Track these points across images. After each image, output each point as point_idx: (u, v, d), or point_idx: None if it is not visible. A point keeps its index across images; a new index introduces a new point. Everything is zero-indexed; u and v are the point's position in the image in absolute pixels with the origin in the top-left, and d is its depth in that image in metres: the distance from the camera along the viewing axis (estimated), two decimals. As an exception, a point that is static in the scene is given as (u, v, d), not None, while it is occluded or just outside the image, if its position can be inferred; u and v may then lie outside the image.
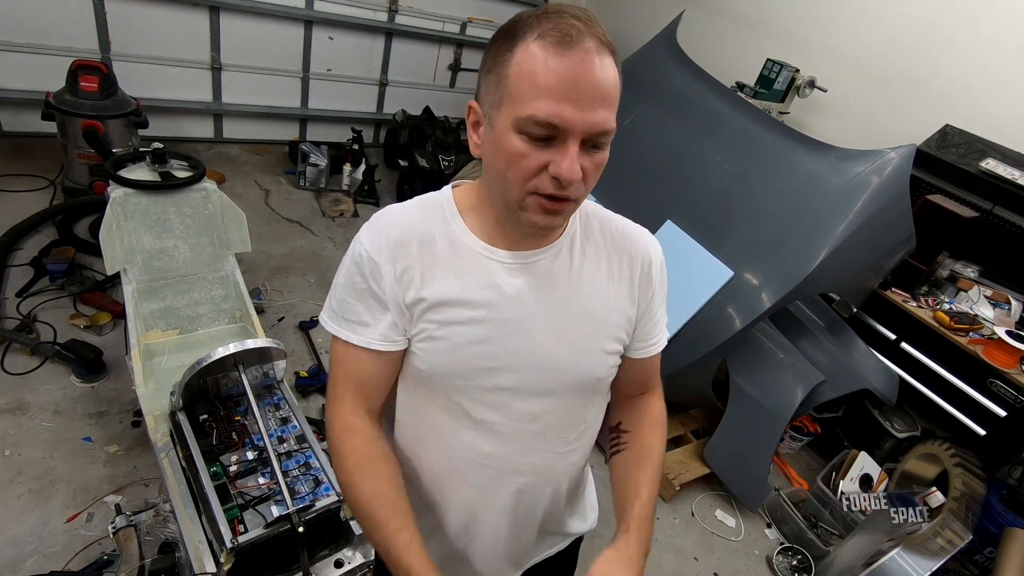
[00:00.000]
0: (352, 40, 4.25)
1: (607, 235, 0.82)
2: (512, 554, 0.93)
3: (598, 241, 0.81)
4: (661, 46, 2.85)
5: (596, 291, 0.79)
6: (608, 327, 0.81)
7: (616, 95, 0.65)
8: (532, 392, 0.79)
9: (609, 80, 0.63)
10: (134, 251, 1.95)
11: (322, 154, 3.93)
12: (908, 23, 2.98)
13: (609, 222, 0.83)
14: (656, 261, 0.84)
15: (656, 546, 2.26)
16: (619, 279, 0.81)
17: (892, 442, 2.66)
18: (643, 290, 0.83)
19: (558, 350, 0.78)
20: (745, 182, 2.35)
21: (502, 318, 0.75)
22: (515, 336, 0.76)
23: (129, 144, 2.95)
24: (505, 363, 0.76)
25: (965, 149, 2.63)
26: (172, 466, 1.51)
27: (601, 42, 0.62)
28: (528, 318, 0.76)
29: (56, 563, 1.64)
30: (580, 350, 0.79)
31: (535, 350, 0.77)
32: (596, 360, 0.81)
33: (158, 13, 3.49)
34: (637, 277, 0.82)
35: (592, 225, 0.82)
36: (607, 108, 0.63)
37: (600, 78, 0.61)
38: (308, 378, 2.48)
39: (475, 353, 0.75)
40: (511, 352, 0.76)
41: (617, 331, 0.82)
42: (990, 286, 2.60)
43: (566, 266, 0.78)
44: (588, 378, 0.82)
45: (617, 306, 0.81)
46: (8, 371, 2.16)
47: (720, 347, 2.18)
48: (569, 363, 0.79)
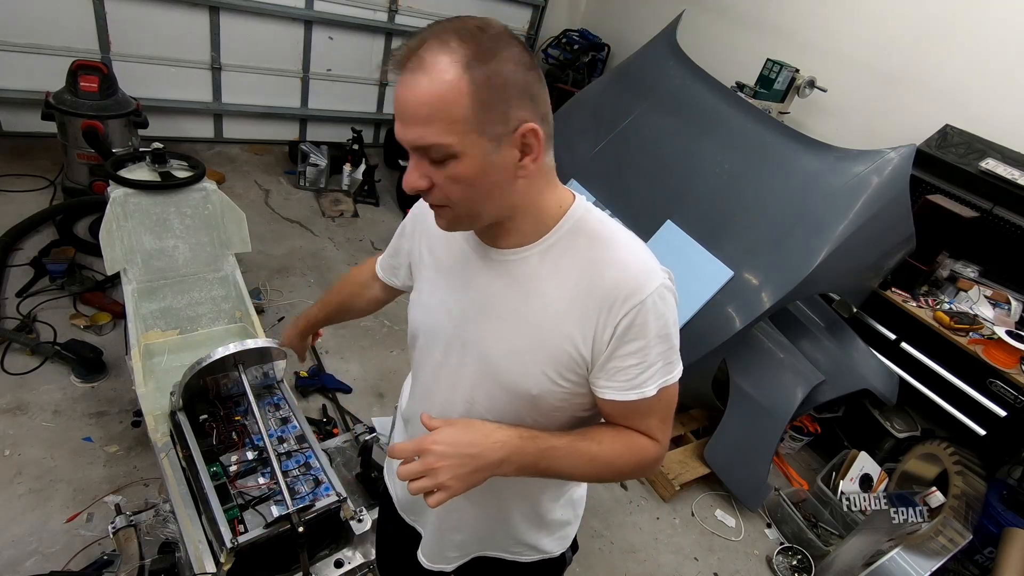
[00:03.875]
0: (352, 40, 4.25)
1: (591, 257, 0.75)
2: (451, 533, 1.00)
3: (577, 259, 0.75)
4: (661, 46, 2.85)
5: (548, 307, 0.75)
6: (549, 348, 0.76)
7: (433, 110, 0.63)
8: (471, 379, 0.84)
9: (418, 97, 0.64)
10: (134, 251, 1.95)
11: (322, 154, 3.93)
12: (908, 23, 2.98)
13: (603, 245, 0.75)
14: (630, 304, 0.72)
15: (656, 546, 2.26)
16: (580, 305, 0.74)
17: (892, 442, 2.66)
18: (601, 328, 0.73)
19: (494, 348, 0.80)
20: (745, 182, 2.35)
21: (463, 296, 0.83)
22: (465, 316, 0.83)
23: (129, 144, 2.94)
24: (452, 338, 0.85)
25: (965, 149, 2.63)
26: (172, 466, 1.51)
27: (424, 58, 0.63)
28: (476, 304, 0.82)
29: (56, 563, 1.64)
30: (514, 358, 0.79)
31: (477, 337, 0.82)
32: (530, 375, 0.78)
33: (158, 13, 3.49)
34: (599, 313, 0.73)
35: (580, 240, 0.76)
36: (421, 124, 0.65)
37: (409, 96, 0.64)
38: (308, 378, 2.48)
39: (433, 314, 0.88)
40: (458, 329, 0.84)
41: (561, 356, 0.76)
42: (990, 286, 2.60)
43: (528, 273, 0.77)
44: (520, 389, 0.79)
45: (565, 331, 0.75)
46: (8, 371, 2.16)
47: (720, 347, 2.18)
48: (501, 365, 0.80)
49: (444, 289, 0.86)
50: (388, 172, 4.47)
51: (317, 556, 1.42)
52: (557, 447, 0.77)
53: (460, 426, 0.74)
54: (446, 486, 0.70)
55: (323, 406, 2.43)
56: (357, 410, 2.45)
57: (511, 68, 0.65)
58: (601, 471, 0.80)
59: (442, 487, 0.70)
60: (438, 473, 0.70)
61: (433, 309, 0.88)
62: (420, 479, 0.70)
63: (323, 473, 1.46)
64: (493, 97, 0.64)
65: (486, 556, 1.03)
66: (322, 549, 1.44)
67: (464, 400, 0.86)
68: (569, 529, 1.05)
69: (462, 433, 0.73)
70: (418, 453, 0.71)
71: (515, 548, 1.02)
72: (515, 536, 0.99)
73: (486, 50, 0.64)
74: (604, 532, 2.23)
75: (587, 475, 0.82)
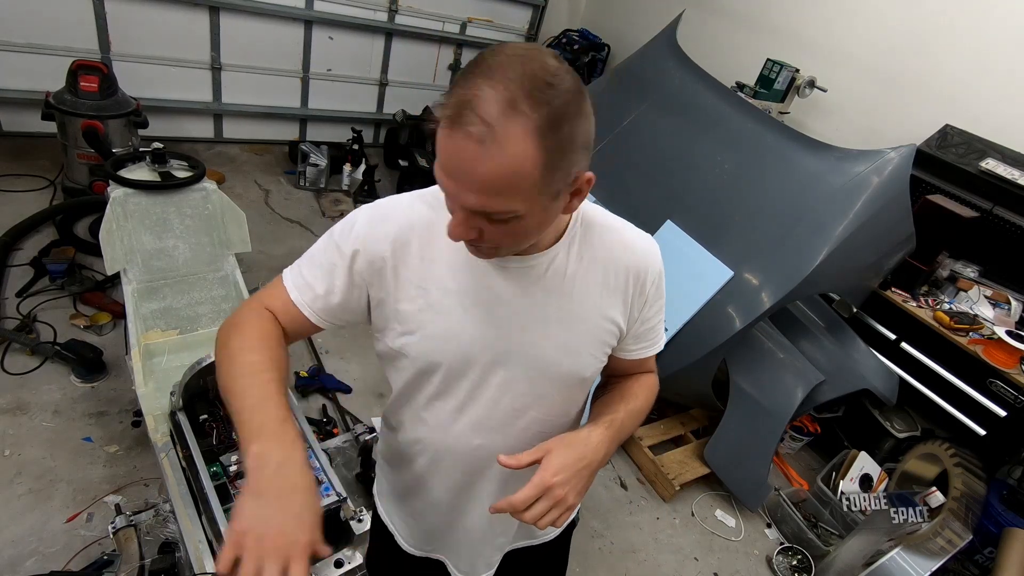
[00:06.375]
0: (352, 40, 4.24)
1: (607, 245, 0.82)
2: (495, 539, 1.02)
3: (596, 249, 0.82)
4: (661, 46, 2.85)
5: (588, 298, 0.82)
6: (597, 332, 0.84)
7: (505, 183, 0.59)
8: (519, 388, 0.84)
9: (488, 169, 0.58)
10: (134, 251, 1.95)
11: (322, 154, 3.93)
12: (908, 23, 2.98)
13: (611, 232, 0.84)
14: (652, 273, 0.84)
15: (656, 546, 2.26)
16: (612, 289, 0.83)
17: (892, 442, 2.66)
18: (635, 301, 0.85)
19: (547, 349, 0.82)
20: (745, 182, 2.35)
21: (495, 315, 0.80)
22: (503, 332, 0.80)
23: (129, 144, 2.94)
24: (492, 358, 0.81)
25: (965, 149, 2.63)
26: (172, 466, 1.51)
27: (494, 128, 0.56)
28: (517, 316, 0.80)
29: (56, 563, 1.64)
30: (567, 351, 0.83)
31: (523, 348, 0.81)
32: (582, 362, 0.85)
33: (158, 13, 3.49)
34: (630, 289, 0.84)
35: (593, 232, 0.82)
36: (486, 195, 0.60)
37: (476, 166, 0.58)
38: (308, 378, 2.48)
39: (462, 343, 0.81)
40: (497, 348, 0.81)
41: (606, 337, 0.85)
42: (990, 286, 2.60)
43: (561, 272, 0.80)
44: (573, 377, 0.86)
45: (607, 315, 0.83)
46: (8, 371, 2.16)
47: (720, 347, 2.18)
48: (555, 361, 0.83)
49: (465, 313, 0.79)
50: (388, 172, 4.47)
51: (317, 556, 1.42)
52: (624, 420, 0.85)
53: (563, 447, 0.74)
54: (573, 505, 0.74)
55: (323, 406, 2.43)
56: (357, 410, 2.45)
57: (579, 125, 0.61)
58: (639, 419, 0.91)
59: (571, 507, 0.74)
60: (567, 499, 0.72)
61: (457, 338, 0.80)
62: (550, 511, 0.72)
63: (323, 473, 1.46)
64: (563, 161, 0.61)
65: (515, 548, 1.07)
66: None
67: (507, 411, 0.86)
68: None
69: (568, 453, 0.74)
70: (543, 493, 0.71)
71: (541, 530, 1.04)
72: None
73: (559, 114, 0.58)
74: (604, 532, 2.23)
75: (636, 428, 0.93)
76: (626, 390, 0.91)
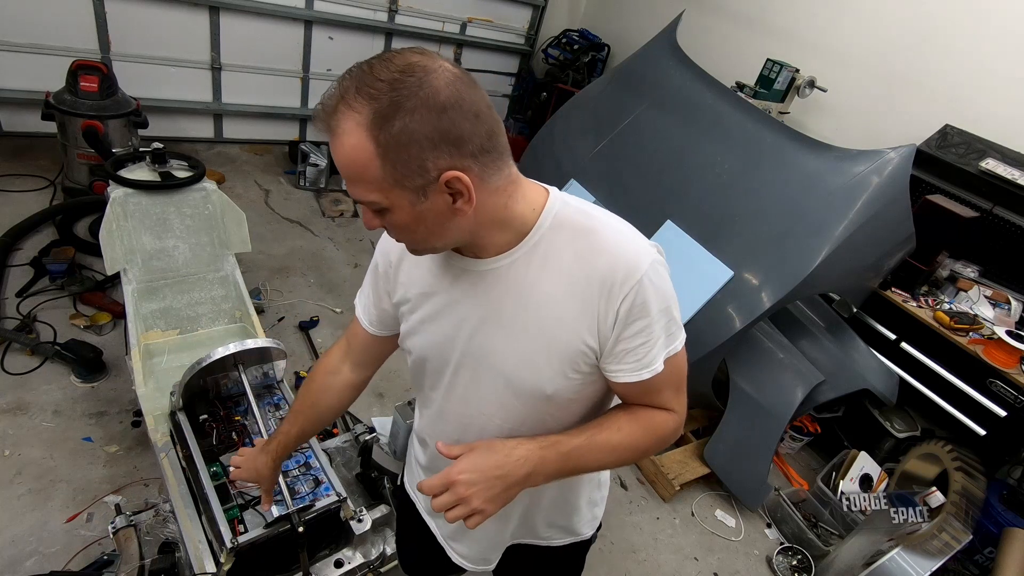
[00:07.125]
0: (352, 40, 4.25)
1: (576, 251, 0.73)
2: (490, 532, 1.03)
3: (563, 255, 0.74)
4: (661, 46, 2.85)
5: (550, 309, 0.75)
6: (560, 347, 0.76)
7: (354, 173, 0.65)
8: (482, 392, 0.84)
9: (339, 159, 0.65)
10: (134, 251, 1.95)
11: (322, 154, 3.93)
12: (908, 23, 2.98)
13: (584, 236, 0.74)
14: (626, 282, 0.71)
15: (656, 546, 2.26)
16: (581, 300, 0.73)
17: (892, 442, 2.66)
18: (603, 314, 0.73)
19: (505, 357, 0.80)
20: (745, 182, 2.35)
21: (455, 316, 0.82)
22: (461, 333, 0.82)
23: (129, 144, 2.94)
24: (458, 358, 0.84)
25: (965, 149, 2.63)
26: (172, 466, 1.51)
27: (331, 124, 0.63)
28: (470, 319, 0.80)
29: (56, 563, 1.64)
30: (525, 363, 0.78)
31: (480, 352, 0.81)
32: (543, 377, 0.78)
33: (158, 13, 3.49)
34: (597, 301, 0.73)
35: (561, 235, 0.74)
36: (351, 183, 0.67)
37: (335, 156, 0.65)
38: (308, 378, 2.48)
39: (436, 342, 0.85)
40: (458, 348, 0.83)
41: (573, 354, 0.76)
42: (990, 286, 2.60)
43: (518, 277, 0.76)
44: (536, 392, 0.80)
45: (573, 328, 0.75)
46: (8, 371, 2.16)
47: (720, 347, 2.18)
48: (513, 373, 0.80)
49: (440, 310, 0.83)
50: (388, 172, 4.47)
51: (317, 556, 1.42)
52: (579, 447, 0.78)
53: (481, 450, 0.75)
54: (480, 510, 0.72)
55: (323, 406, 2.42)
56: (357, 410, 2.44)
57: (419, 120, 0.61)
58: (624, 456, 0.83)
59: (476, 511, 0.72)
60: (470, 500, 0.72)
61: (436, 332, 0.84)
62: (454, 508, 0.72)
63: (323, 473, 1.46)
64: (402, 154, 0.62)
65: (518, 544, 1.07)
66: (322, 549, 1.44)
67: (479, 414, 0.86)
68: (598, 510, 1.11)
69: (485, 457, 0.74)
70: (446, 486, 0.72)
71: (545, 532, 1.05)
72: (547, 519, 1.03)
73: (392, 106, 0.60)
74: (604, 532, 2.23)
75: (613, 463, 0.84)
76: (608, 419, 0.82)
